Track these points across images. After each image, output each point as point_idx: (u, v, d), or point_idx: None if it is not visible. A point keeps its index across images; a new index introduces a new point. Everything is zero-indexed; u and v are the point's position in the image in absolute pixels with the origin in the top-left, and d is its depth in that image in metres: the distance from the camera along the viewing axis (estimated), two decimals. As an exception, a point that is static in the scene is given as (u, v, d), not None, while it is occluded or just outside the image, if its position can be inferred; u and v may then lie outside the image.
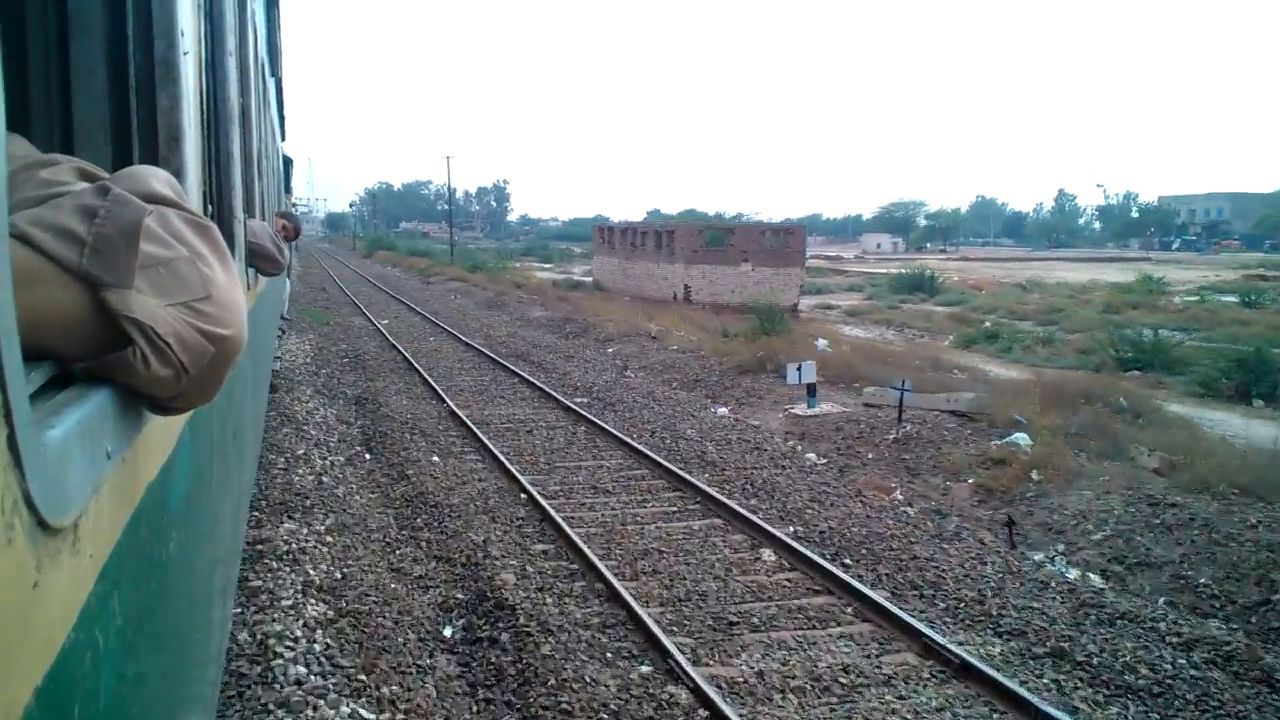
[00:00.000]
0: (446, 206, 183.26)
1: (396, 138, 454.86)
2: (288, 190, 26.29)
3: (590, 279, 55.47)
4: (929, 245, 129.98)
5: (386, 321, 26.10)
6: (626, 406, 14.57)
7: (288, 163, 23.73)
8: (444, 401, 14.18)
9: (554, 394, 15.04)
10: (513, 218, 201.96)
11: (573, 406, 14.07)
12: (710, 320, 28.14)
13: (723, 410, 14.58)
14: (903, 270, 56.23)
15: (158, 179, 1.44)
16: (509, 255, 79.05)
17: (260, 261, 4.76)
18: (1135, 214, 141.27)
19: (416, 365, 17.60)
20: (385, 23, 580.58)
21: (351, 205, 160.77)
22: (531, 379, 16.55)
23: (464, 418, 12.95)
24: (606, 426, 12.69)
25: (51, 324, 1.18)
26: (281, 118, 16.22)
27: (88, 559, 1.06)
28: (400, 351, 19.57)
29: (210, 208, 2.80)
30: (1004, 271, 68.52)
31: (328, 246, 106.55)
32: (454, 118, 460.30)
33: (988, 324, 34.85)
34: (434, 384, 15.55)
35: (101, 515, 1.14)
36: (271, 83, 10.57)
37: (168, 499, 1.71)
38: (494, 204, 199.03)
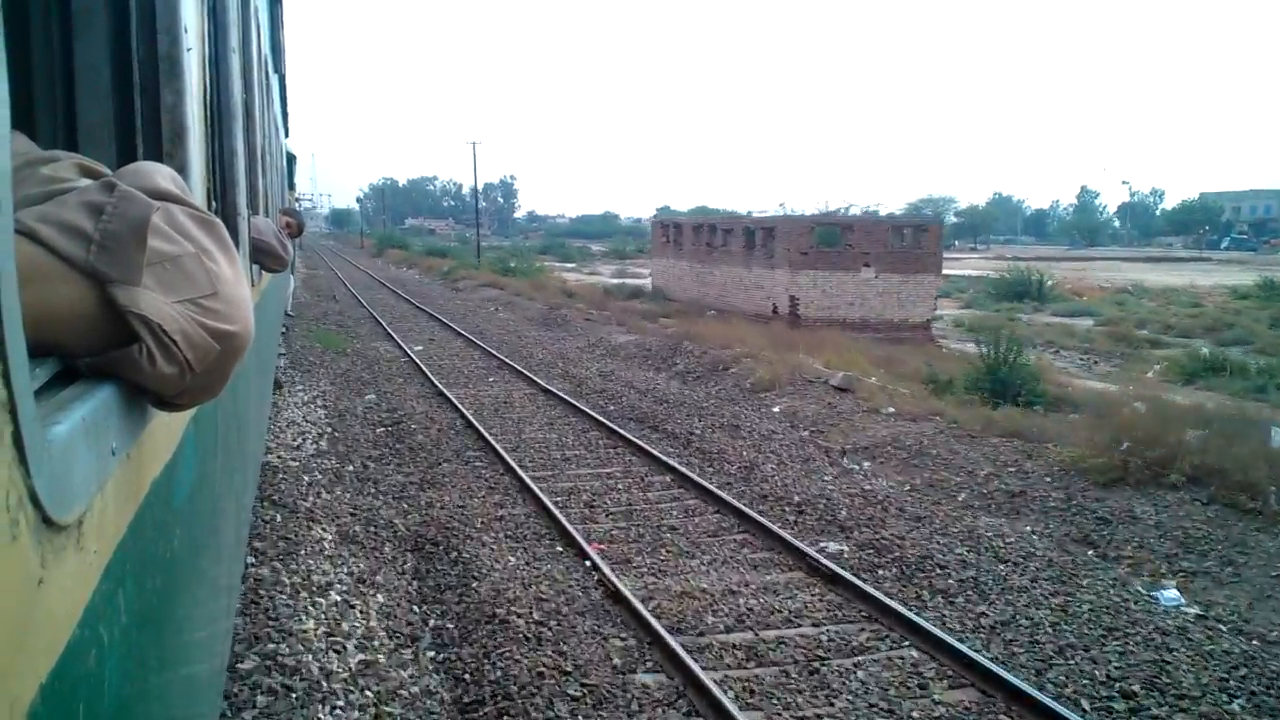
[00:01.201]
0: (452, 203, 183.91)
1: (400, 134, 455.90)
2: (291, 186, 26.35)
3: (639, 284, 46.42)
4: (956, 243, 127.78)
5: (420, 348, 20.14)
6: (943, 569, 7.70)
7: (291, 159, 23.78)
8: (579, 549, 7.90)
9: (766, 523, 8.58)
10: (519, 214, 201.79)
11: (837, 571, 7.48)
12: (876, 348, 20.82)
13: (1172, 596, 7.48)
14: (1003, 274, 48.37)
15: (162, 175, 1.44)
16: (526, 254, 72.45)
17: (264, 258, 4.79)
18: (1165, 210, 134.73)
19: (491, 440, 11.50)
20: (388, 18, 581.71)
21: (359, 200, 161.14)
22: (696, 478, 10.00)
23: (640, 609, 6.62)
24: (966, 652, 6.07)
25: (57, 320, 1.18)
26: (285, 113, 16.25)
27: (92, 556, 1.06)
28: (457, 408, 13.49)
29: (214, 204, 2.81)
30: (1072, 273, 60.15)
31: (333, 244, 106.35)
32: (458, 113, 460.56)
33: (1205, 350, 25.81)
34: (539, 493, 9.32)
35: (106, 512, 1.15)
36: (275, 79, 10.60)
37: (172, 495, 1.72)
38: (501, 200, 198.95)
